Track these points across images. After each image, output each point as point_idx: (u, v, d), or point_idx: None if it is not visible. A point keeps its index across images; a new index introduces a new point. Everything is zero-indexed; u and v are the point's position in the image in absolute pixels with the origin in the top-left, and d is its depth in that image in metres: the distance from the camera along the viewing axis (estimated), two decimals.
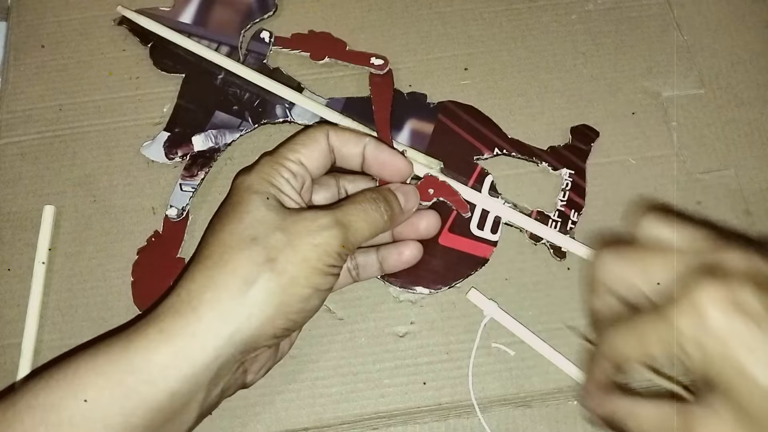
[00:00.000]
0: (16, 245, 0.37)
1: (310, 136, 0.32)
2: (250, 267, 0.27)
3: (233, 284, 0.27)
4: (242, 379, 0.30)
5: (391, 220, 0.31)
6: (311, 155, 0.31)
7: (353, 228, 0.29)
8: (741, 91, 0.40)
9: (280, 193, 0.30)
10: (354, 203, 0.30)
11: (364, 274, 0.35)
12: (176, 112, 0.40)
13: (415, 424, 0.34)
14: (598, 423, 0.30)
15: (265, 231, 0.28)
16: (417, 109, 0.39)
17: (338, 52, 0.41)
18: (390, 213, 0.31)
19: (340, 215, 0.29)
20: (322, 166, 0.32)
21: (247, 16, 0.42)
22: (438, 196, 0.36)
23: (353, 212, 0.29)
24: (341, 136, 0.33)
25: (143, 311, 0.35)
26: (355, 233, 0.29)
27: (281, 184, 0.30)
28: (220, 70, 0.40)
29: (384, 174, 0.34)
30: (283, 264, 0.27)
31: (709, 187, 0.38)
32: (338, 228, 0.28)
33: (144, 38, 0.41)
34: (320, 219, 0.28)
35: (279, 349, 0.32)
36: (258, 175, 0.30)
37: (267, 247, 0.27)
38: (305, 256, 0.27)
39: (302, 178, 0.31)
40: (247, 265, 0.27)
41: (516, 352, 0.35)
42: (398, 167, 0.34)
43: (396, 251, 0.34)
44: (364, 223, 0.30)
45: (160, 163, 0.39)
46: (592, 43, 0.42)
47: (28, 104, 0.40)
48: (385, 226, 0.31)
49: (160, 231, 0.37)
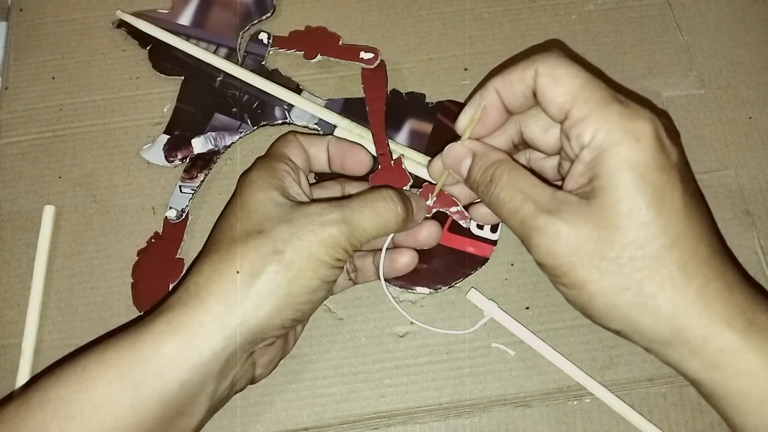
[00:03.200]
0: (16, 245, 0.37)
1: (285, 138, 0.34)
2: (257, 259, 0.27)
3: (240, 276, 0.27)
4: (251, 372, 0.30)
5: (404, 222, 0.31)
6: (295, 152, 0.33)
7: (361, 224, 0.29)
8: (741, 91, 0.40)
9: (284, 186, 0.30)
10: (365, 200, 0.30)
11: (362, 277, 0.35)
12: (176, 115, 0.40)
13: (415, 424, 0.34)
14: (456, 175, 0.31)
15: (271, 224, 0.28)
16: (416, 109, 0.39)
17: (329, 49, 0.41)
18: (405, 216, 0.31)
19: (348, 212, 0.29)
20: (306, 161, 0.34)
21: (245, 18, 0.42)
22: (438, 207, 0.35)
23: (362, 209, 0.30)
24: (307, 138, 0.34)
25: (143, 312, 0.35)
26: (363, 230, 0.29)
27: (283, 177, 0.31)
28: (218, 72, 0.40)
29: (346, 165, 0.35)
30: (290, 256, 0.27)
31: (709, 187, 0.38)
32: (344, 223, 0.29)
33: (143, 41, 0.41)
34: (327, 214, 0.29)
35: (287, 343, 0.32)
36: (260, 172, 0.31)
37: (273, 239, 0.28)
38: (311, 250, 0.28)
39: (297, 172, 0.32)
40: (254, 257, 0.27)
41: (516, 352, 0.35)
42: (358, 158, 0.35)
43: (389, 258, 0.34)
44: (373, 219, 0.30)
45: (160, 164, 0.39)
46: (592, 43, 0.42)
47: (28, 104, 0.40)
48: (397, 227, 0.31)
49: (159, 232, 0.37)
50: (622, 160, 0.25)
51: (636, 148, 0.25)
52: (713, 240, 0.26)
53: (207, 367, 0.26)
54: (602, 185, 0.26)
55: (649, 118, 0.26)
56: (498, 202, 0.29)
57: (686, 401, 0.34)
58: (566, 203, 0.27)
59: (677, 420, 0.33)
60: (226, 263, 0.28)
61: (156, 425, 0.26)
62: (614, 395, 0.33)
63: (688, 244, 0.25)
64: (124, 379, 0.26)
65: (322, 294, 0.29)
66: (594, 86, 0.27)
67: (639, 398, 0.34)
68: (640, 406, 0.34)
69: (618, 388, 0.34)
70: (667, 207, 0.25)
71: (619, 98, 0.27)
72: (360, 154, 0.35)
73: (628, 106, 0.26)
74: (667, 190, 0.25)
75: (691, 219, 0.26)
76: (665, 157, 0.26)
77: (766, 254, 0.36)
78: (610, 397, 0.33)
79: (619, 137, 0.25)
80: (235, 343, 0.27)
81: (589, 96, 0.26)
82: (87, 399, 0.25)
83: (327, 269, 0.28)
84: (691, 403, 0.34)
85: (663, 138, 0.26)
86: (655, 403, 0.34)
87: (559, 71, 0.27)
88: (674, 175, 0.26)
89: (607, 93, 0.27)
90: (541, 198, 0.27)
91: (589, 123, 0.26)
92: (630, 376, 0.34)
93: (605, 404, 0.33)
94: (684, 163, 0.27)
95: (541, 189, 0.28)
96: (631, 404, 0.33)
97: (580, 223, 0.26)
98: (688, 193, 0.26)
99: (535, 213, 0.27)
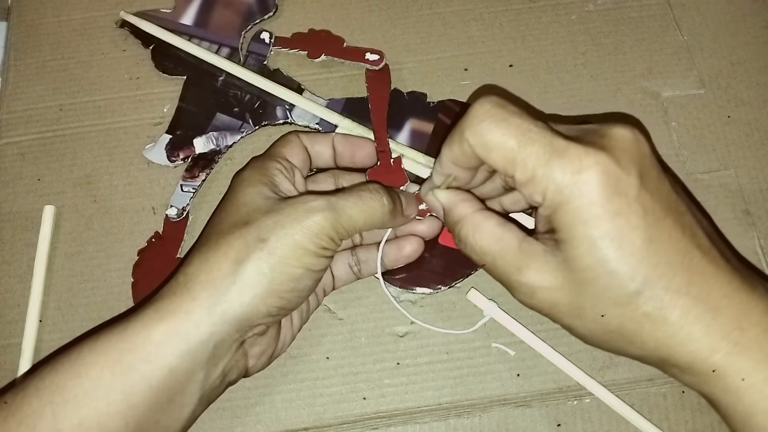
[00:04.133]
0: (16, 245, 0.37)
1: (285, 138, 0.34)
2: (242, 247, 0.28)
3: (225, 264, 0.28)
4: (244, 362, 0.30)
5: (391, 214, 0.31)
6: (293, 152, 0.33)
7: (346, 213, 0.29)
8: (741, 91, 0.40)
9: (274, 183, 0.31)
10: (351, 191, 0.31)
11: (366, 270, 0.35)
12: (178, 115, 0.40)
13: (415, 424, 0.34)
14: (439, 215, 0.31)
15: (258, 215, 0.29)
16: (417, 109, 0.39)
17: (334, 50, 0.41)
18: (391, 207, 0.31)
19: (334, 200, 0.29)
20: (305, 160, 0.34)
21: (247, 17, 0.42)
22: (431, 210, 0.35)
23: (348, 198, 0.30)
24: (310, 136, 0.35)
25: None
26: (349, 219, 0.29)
27: (274, 174, 0.31)
28: (221, 72, 0.40)
29: (357, 159, 0.36)
30: (273, 243, 0.28)
31: (709, 187, 0.38)
32: (329, 211, 0.29)
33: (146, 41, 0.41)
34: (311, 202, 0.29)
35: (280, 336, 0.32)
36: (252, 170, 0.32)
37: (258, 227, 0.28)
38: (295, 237, 0.28)
39: (292, 170, 0.33)
40: (239, 245, 0.28)
41: (516, 352, 0.35)
42: (369, 150, 0.36)
43: (396, 246, 0.34)
44: (359, 209, 0.30)
45: (161, 164, 0.39)
46: (592, 43, 0.42)
47: (28, 104, 0.40)
48: (384, 218, 0.31)
49: (160, 231, 0.37)
50: (573, 217, 0.25)
51: (585, 203, 0.25)
52: (695, 256, 0.26)
53: (195, 354, 0.27)
54: (563, 239, 0.26)
55: (592, 164, 0.25)
56: (473, 258, 0.30)
57: (686, 401, 0.34)
58: (534, 257, 0.27)
59: (677, 420, 0.33)
60: (213, 253, 0.28)
61: (147, 412, 0.26)
62: (614, 395, 0.33)
63: (662, 279, 0.25)
64: (115, 366, 0.26)
65: (307, 283, 0.29)
66: (529, 142, 0.26)
67: (639, 398, 0.34)
68: (640, 406, 0.34)
69: (618, 388, 0.34)
70: (630, 250, 0.25)
71: (558, 147, 0.25)
72: (369, 146, 0.36)
73: (567, 158, 0.25)
74: (627, 234, 0.25)
75: (661, 252, 0.25)
76: (619, 196, 0.25)
77: (766, 254, 0.36)
78: (610, 397, 0.33)
79: (566, 195, 0.25)
80: (222, 330, 0.27)
81: (527, 155, 0.25)
82: (80, 385, 0.26)
83: (312, 257, 0.28)
84: (691, 403, 0.34)
85: (614, 176, 0.25)
86: (655, 403, 0.34)
87: (488, 137, 0.26)
88: (633, 213, 0.25)
89: (543, 146, 0.25)
90: (508, 254, 0.28)
91: (534, 185, 0.26)
92: (630, 376, 0.34)
93: (605, 404, 0.33)
94: (655, 178, 0.26)
95: (507, 243, 0.28)
96: (631, 404, 0.33)
97: (551, 279, 0.26)
98: (656, 222, 0.25)
99: (507, 272, 0.28)
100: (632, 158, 0.25)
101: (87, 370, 0.26)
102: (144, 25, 0.41)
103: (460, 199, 0.30)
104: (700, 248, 0.26)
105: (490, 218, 0.29)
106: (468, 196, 0.30)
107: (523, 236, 0.28)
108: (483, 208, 0.30)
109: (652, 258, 0.25)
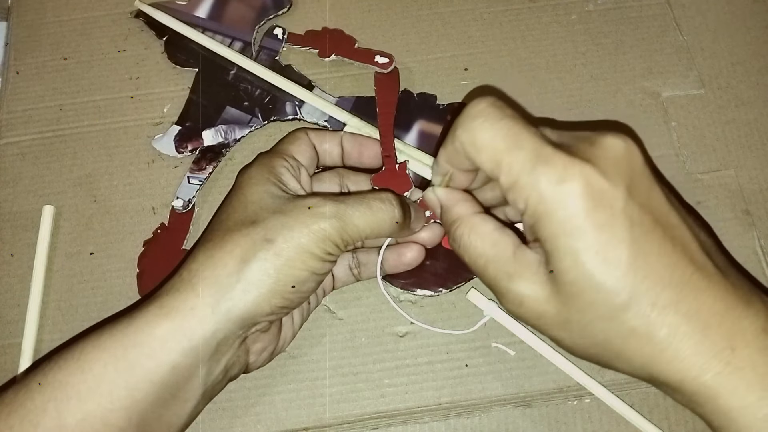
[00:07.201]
0: (16, 245, 0.37)
1: (293, 135, 0.34)
2: (248, 245, 0.28)
3: (231, 262, 0.27)
4: (245, 358, 0.30)
5: (399, 227, 0.31)
6: (299, 149, 0.33)
7: (353, 222, 0.29)
8: (741, 91, 0.40)
9: (280, 181, 0.31)
10: (363, 198, 0.30)
11: (366, 272, 0.35)
12: (188, 106, 0.40)
13: (415, 424, 0.34)
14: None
15: (265, 214, 0.29)
16: (425, 110, 0.39)
17: (345, 50, 0.41)
18: (401, 221, 0.31)
19: (343, 207, 0.29)
20: (312, 158, 0.34)
21: (261, 12, 0.42)
22: (435, 218, 0.35)
23: (358, 206, 0.30)
24: (319, 134, 0.35)
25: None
26: (355, 228, 0.29)
27: (281, 173, 0.31)
28: (232, 65, 0.40)
29: (364, 158, 0.36)
30: (280, 245, 0.28)
31: (709, 187, 0.38)
32: (336, 219, 0.29)
33: (159, 32, 0.42)
34: (320, 207, 0.29)
35: (281, 334, 0.32)
36: (258, 167, 0.32)
37: (265, 227, 0.28)
38: (301, 241, 0.28)
39: (298, 168, 0.33)
40: (245, 244, 0.28)
41: (516, 352, 0.35)
42: (377, 151, 0.36)
43: (396, 252, 0.34)
44: (366, 219, 0.30)
45: (161, 162, 0.39)
46: (592, 43, 0.42)
47: (28, 104, 0.40)
48: (391, 230, 0.31)
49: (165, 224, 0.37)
50: (556, 229, 0.24)
51: (567, 215, 0.24)
52: (686, 271, 0.25)
53: (198, 351, 0.27)
54: (548, 250, 0.25)
55: (576, 174, 0.24)
56: (464, 259, 0.29)
57: None
58: (527, 266, 0.27)
59: (677, 420, 0.33)
60: (219, 250, 0.28)
61: (150, 408, 0.26)
62: (614, 395, 0.33)
63: (648, 294, 0.24)
64: (118, 362, 0.26)
65: (310, 285, 0.29)
66: (517, 146, 0.25)
67: (639, 398, 0.34)
68: (640, 406, 0.34)
69: (618, 388, 0.34)
70: (615, 264, 0.24)
71: (544, 154, 0.25)
72: (378, 146, 0.36)
73: (552, 167, 0.24)
74: (612, 247, 0.24)
75: (649, 266, 0.24)
76: (604, 208, 0.24)
77: (766, 254, 0.36)
78: (610, 397, 0.33)
79: (550, 205, 0.24)
80: (225, 327, 0.27)
81: (513, 160, 0.25)
82: (83, 381, 0.26)
83: (316, 261, 0.28)
84: None
85: (598, 188, 0.24)
86: (655, 403, 0.34)
87: (478, 137, 0.26)
88: (619, 226, 0.24)
89: (530, 152, 0.25)
90: (501, 259, 0.27)
91: (518, 191, 0.25)
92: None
93: (605, 404, 0.33)
94: (646, 189, 0.25)
95: (501, 249, 0.27)
96: (631, 404, 0.33)
97: (539, 290, 0.26)
98: (644, 235, 0.24)
99: (498, 277, 0.27)
100: (620, 169, 0.25)
101: (90, 366, 0.26)
102: (159, 16, 0.41)
103: (459, 198, 0.30)
104: (693, 262, 0.25)
105: (488, 222, 0.29)
106: (467, 197, 0.30)
107: (519, 244, 0.28)
108: (482, 211, 0.30)
109: (639, 272, 0.24)
